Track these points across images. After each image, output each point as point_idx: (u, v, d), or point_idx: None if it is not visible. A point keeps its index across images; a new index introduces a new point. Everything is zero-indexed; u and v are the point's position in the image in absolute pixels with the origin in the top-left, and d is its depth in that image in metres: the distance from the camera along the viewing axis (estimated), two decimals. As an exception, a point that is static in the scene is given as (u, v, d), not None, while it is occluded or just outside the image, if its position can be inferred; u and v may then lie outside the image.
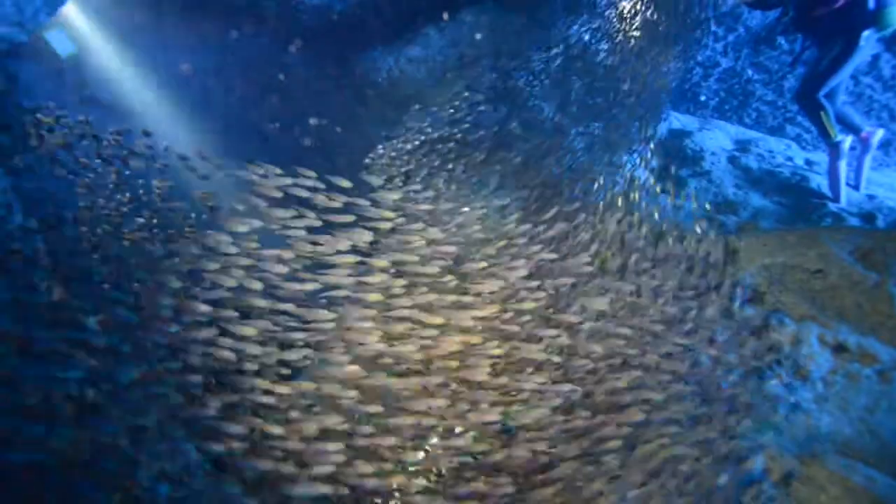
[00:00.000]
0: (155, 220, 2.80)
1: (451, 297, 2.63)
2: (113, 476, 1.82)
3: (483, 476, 2.18)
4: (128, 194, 2.92)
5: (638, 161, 4.25)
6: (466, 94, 4.91)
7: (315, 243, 2.64)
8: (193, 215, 2.80)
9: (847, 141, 4.22)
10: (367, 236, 2.72)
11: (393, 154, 4.19)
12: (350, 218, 2.76)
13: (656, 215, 3.55)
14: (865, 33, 4.00)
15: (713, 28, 6.07)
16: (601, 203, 3.49)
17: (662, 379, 2.53)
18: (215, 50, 4.74)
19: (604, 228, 3.21)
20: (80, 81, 3.33)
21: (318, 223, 2.69)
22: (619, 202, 3.51)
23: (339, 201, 2.77)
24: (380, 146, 4.29)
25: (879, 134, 4.34)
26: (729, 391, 2.64)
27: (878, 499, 2.32)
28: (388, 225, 2.85)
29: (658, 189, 4.19)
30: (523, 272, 2.75)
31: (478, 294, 2.67)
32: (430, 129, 4.37)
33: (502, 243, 3.00)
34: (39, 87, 3.20)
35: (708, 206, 3.76)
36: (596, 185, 3.71)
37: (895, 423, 2.67)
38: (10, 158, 2.61)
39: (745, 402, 2.62)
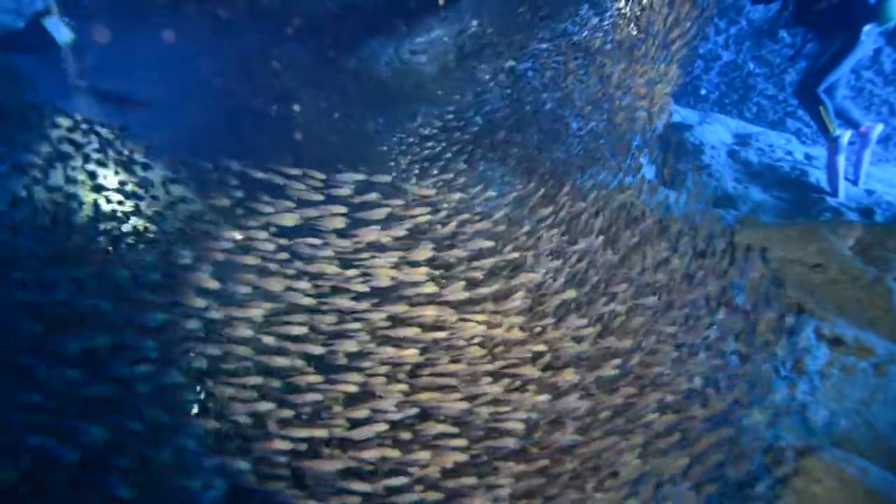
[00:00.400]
0: (169, 220, 2.70)
1: (486, 290, 2.68)
2: (133, 474, 1.81)
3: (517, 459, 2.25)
4: (140, 191, 2.83)
5: (641, 147, 4.26)
6: (471, 83, 4.89)
7: (354, 236, 2.66)
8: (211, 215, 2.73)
9: (846, 136, 4.23)
10: (401, 230, 2.77)
11: (410, 141, 4.19)
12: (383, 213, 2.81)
13: (658, 204, 3.57)
14: (866, 28, 4.00)
15: (715, 20, 6.05)
16: (608, 186, 3.56)
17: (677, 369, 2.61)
18: (209, 38, 4.69)
19: (610, 209, 3.28)
20: (79, 70, 3.29)
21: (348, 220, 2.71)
22: (624, 187, 3.56)
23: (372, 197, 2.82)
24: (395, 137, 4.29)
25: (878, 129, 4.34)
26: (727, 383, 2.66)
27: (871, 491, 2.36)
28: (424, 219, 2.92)
29: (659, 180, 4.19)
30: (555, 263, 2.83)
31: (511, 286, 2.73)
32: (438, 120, 4.37)
33: (527, 228, 3.08)
34: (39, 77, 3.15)
35: (699, 176, 3.76)
36: (601, 170, 3.74)
37: (890, 416, 2.71)
38: (13, 153, 2.57)
39: (743, 394, 2.64)
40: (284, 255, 2.53)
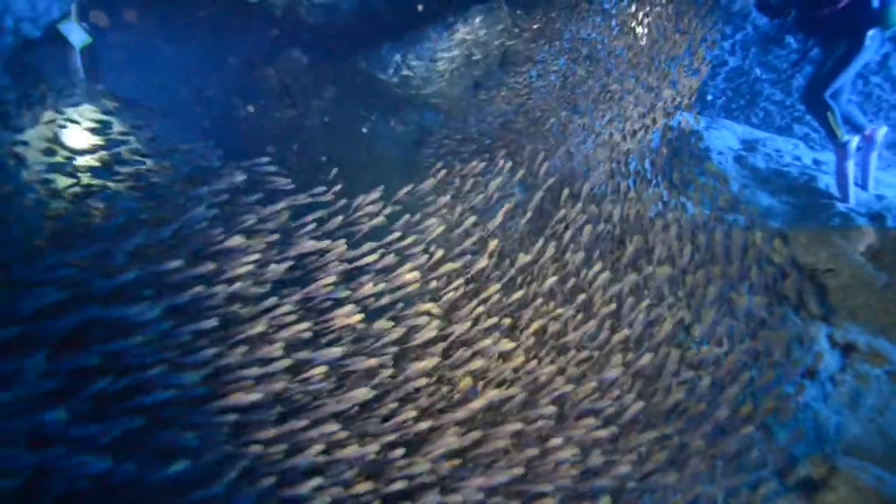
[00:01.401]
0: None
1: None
2: None
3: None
4: (179, 201, 2.76)
5: (646, 153, 4.28)
6: (478, 91, 4.94)
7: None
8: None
9: (854, 141, 4.21)
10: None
11: (441, 149, 4.33)
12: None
13: (662, 210, 3.58)
14: (870, 32, 3.99)
15: (721, 26, 6.05)
16: (614, 191, 3.62)
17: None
18: (217, 46, 4.74)
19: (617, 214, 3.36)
20: (95, 75, 3.33)
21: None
22: (630, 193, 3.60)
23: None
24: (429, 147, 4.40)
25: (883, 130, 4.32)
26: (738, 390, 2.64)
27: (886, 499, 2.32)
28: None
29: (664, 187, 4.19)
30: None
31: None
32: (455, 128, 4.47)
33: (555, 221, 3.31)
34: (58, 83, 3.18)
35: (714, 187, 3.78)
36: (608, 177, 3.77)
37: (905, 424, 2.67)
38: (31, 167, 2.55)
39: (755, 401, 2.61)
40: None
